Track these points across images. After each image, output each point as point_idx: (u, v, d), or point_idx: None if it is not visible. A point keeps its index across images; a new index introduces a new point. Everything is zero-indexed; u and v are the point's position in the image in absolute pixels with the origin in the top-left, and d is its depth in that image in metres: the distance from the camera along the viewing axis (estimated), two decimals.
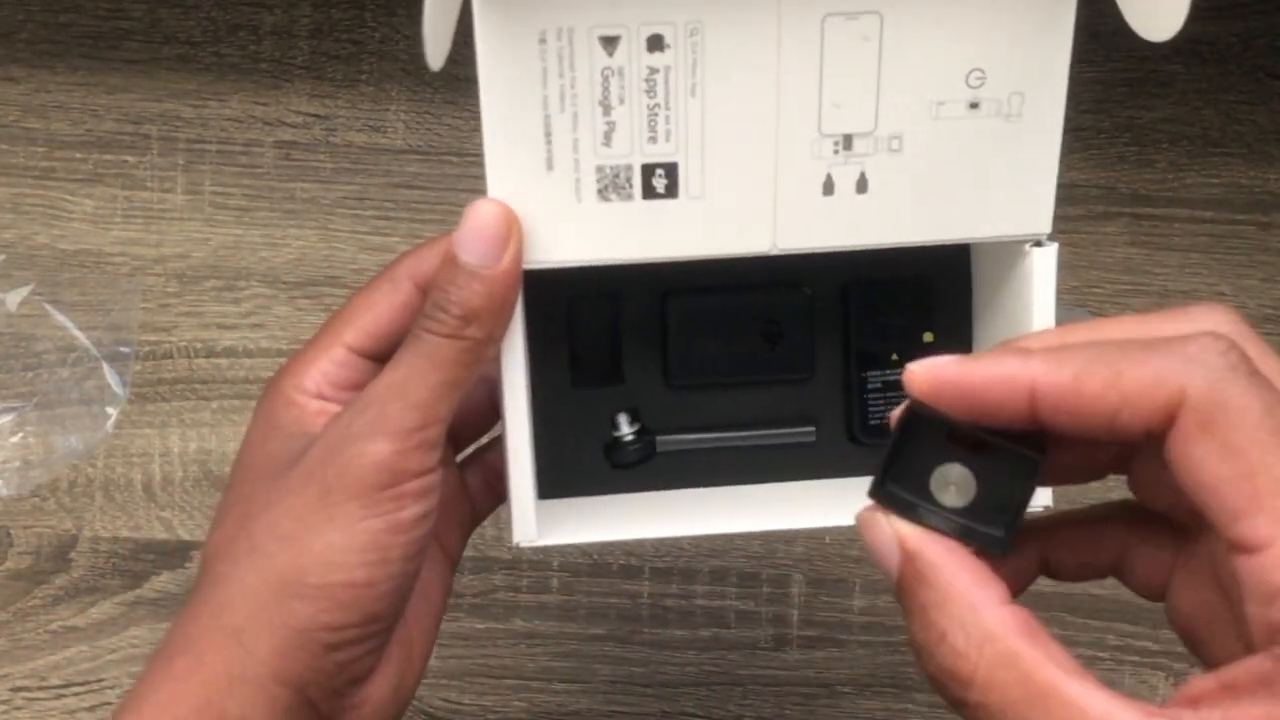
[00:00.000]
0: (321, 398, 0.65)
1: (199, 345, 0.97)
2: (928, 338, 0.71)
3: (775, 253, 0.63)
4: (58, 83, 0.98)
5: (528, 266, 0.62)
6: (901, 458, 0.54)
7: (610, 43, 0.60)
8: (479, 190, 0.61)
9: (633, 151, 0.61)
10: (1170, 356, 0.49)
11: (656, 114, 0.61)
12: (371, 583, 0.60)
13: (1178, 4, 0.56)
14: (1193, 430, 0.48)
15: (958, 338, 0.72)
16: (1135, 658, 0.99)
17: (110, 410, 0.96)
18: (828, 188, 0.62)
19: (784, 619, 0.98)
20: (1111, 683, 0.57)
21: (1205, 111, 1.01)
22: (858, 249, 0.64)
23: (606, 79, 0.60)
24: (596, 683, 0.97)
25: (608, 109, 0.61)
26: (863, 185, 0.63)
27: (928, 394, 0.53)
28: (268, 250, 0.98)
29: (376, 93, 0.99)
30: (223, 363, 0.97)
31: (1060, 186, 0.63)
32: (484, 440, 0.73)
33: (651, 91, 0.60)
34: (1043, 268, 0.65)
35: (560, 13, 0.59)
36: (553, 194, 0.62)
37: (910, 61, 0.61)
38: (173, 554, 0.96)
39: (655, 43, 0.60)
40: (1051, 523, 0.61)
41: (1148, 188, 1.00)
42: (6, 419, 0.96)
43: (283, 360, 0.91)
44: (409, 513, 0.60)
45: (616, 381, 0.72)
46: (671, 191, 0.62)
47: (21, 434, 0.96)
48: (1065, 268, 0.99)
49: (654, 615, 0.97)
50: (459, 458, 0.72)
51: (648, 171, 0.62)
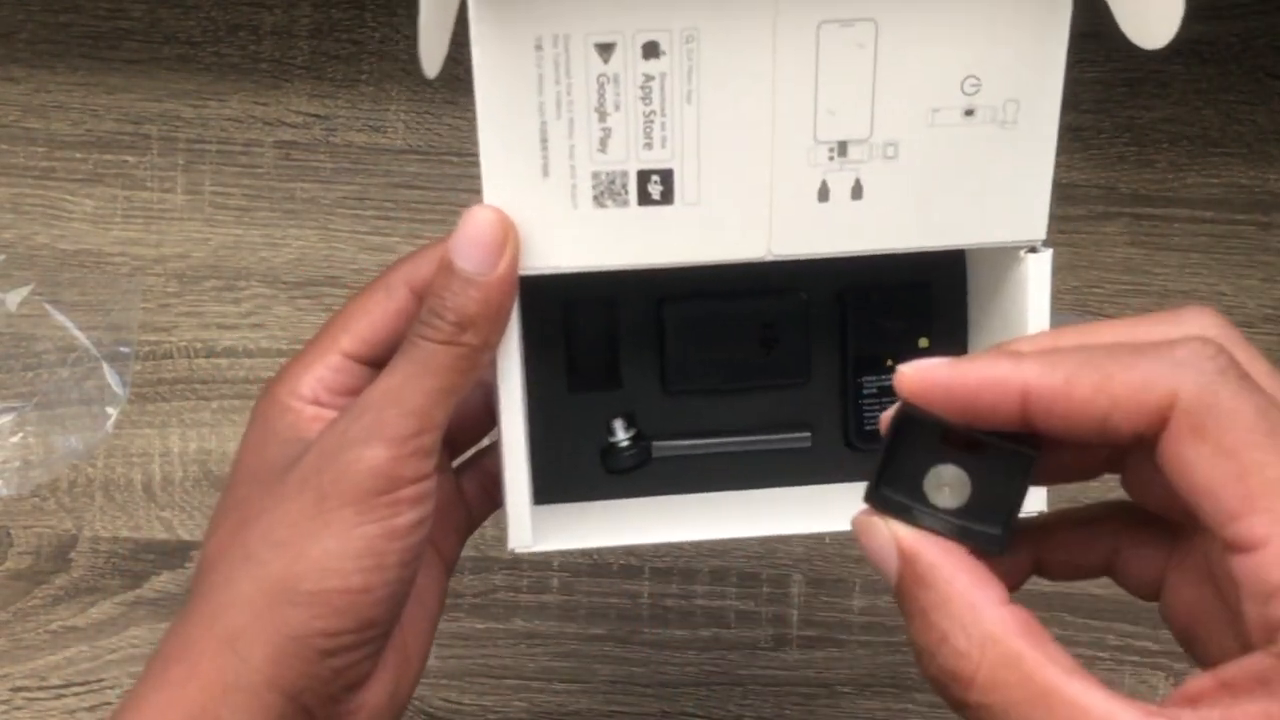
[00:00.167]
0: (317, 403, 0.65)
1: (199, 345, 0.97)
2: (923, 343, 0.71)
3: (771, 259, 0.64)
4: (58, 83, 0.98)
5: (524, 273, 0.62)
6: (895, 461, 0.54)
7: (606, 49, 0.60)
8: (479, 190, 0.61)
9: (628, 158, 0.61)
10: (1160, 361, 0.49)
11: (652, 120, 0.61)
12: (367, 589, 0.60)
13: (1171, 11, 0.56)
14: (1185, 433, 0.48)
15: (953, 343, 0.72)
16: (1135, 658, 0.99)
17: (110, 410, 0.96)
18: (823, 194, 0.63)
19: (784, 619, 0.98)
20: (1111, 683, 0.57)
21: (1205, 111, 1.01)
22: (853, 255, 0.64)
23: (602, 85, 0.60)
24: (596, 683, 0.97)
25: (603, 115, 0.61)
26: (858, 192, 0.63)
27: (919, 396, 0.53)
28: (268, 250, 0.98)
29: (376, 93, 0.99)
30: (223, 363, 0.97)
31: (1060, 186, 0.63)
32: (480, 446, 0.73)
33: (647, 98, 0.60)
34: (1038, 273, 0.65)
35: (556, 20, 0.59)
36: (549, 200, 0.62)
37: (905, 68, 0.61)
38: (173, 554, 0.96)
39: (651, 50, 0.60)
40: (1044, 522, 0.61)
41: (1148, 188, 1.00)
42: (6, 419, 0.96)
43: (283, 360, 0.91)
44: (405, 519, 0.60)
45: (613, 387, 0.72)
46: (667, 198, 0.62)
47: (21, 434, 0.96)
48: (1065, 268, 0.99)
49: (654, 615, 0.98)
50: (455, 463, 0.72)
51: (643, 178, 0.62)
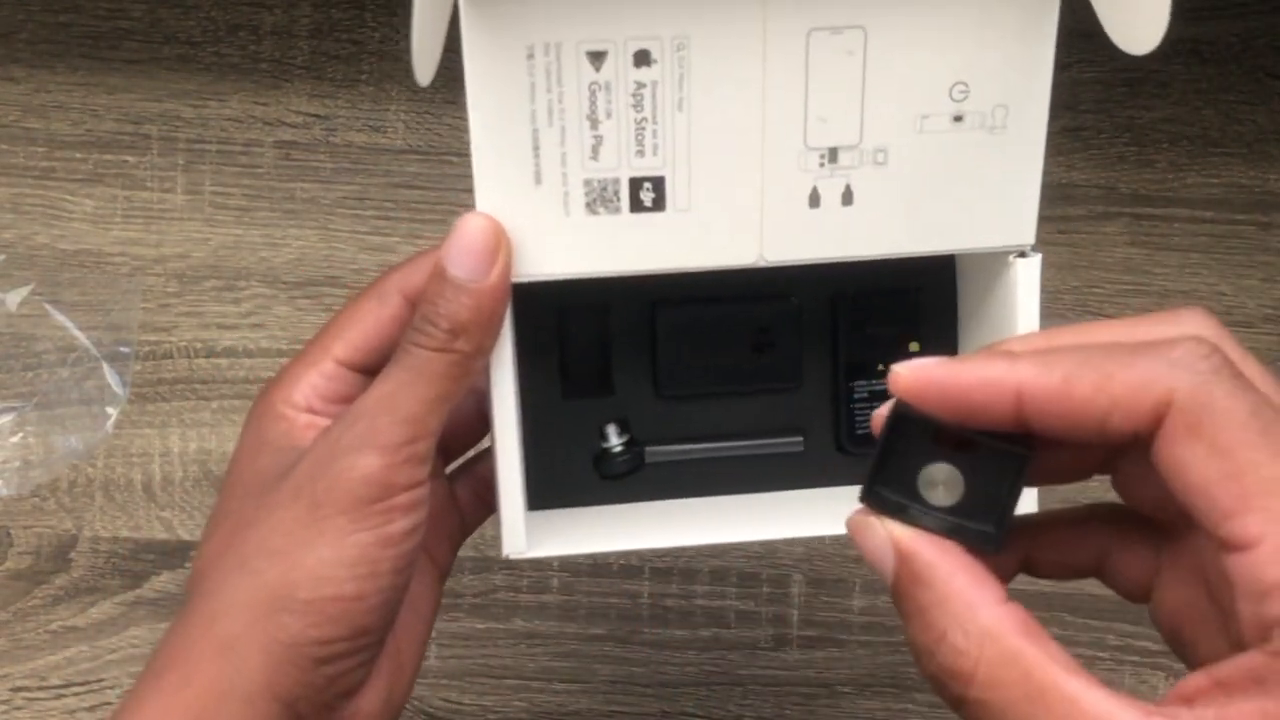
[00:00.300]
0: (310, 411, 0.65)
1: (199, 345, 0.97)
2: (914, 348, 0.71)
3: (762, 265, 0.64)
4: (58, 83, 0.98)
5: (516, 280, 0.62)
6: (888, 460, 0.54)
7: (597, 58, 0.60)
8: None
9: (620, 165, 0.61)
10: (1157, 360, 0.49)
11: (644, 128, 0.61)
12: (361, 596, 0.60)
13: (1157, 17, 0.56)
14: (1180, 432, 0.48)
15: (943, 348, 0.71)
16: (1135, 658, 0.99)
17: (110, 410, 0.96)
18: (814, 200, 0.63)
19: (784, 619, 0.98)
20: (1111, 683, 0.57)
21: (1205, 111, 1.01)
22: (844, 261, 0.64)
23: (594, 93, 0.60)
24: (596, 683, 0.97)
25: (595, 123, 0.61)
26: (848, 198, 0.63)
27: (913, 395, 0.53)
28: (268, 250, 0.98)
29: (376, 93, 0.99)
30: (223, 363, 0.98)
31: (1060, 186, 0.63)
32: (473, 452, 0.73)
33: (639, 106, 0.61)
34: (1027, 278, 0.65)
35: (548, 28, 0.59)
36: (541, 207, 0.62)
37: (894, 75, 0.61)
38: (173, 554, 0.97)
39: (642, 58, 0.60)
40: (1035, 521, 0.62)
41: (1148, 188, 1.00)
42: (6, 419, 0.96)
43: (283, 360, 0.91)
44: (398, 526, 0.60)
45: (606, 392, 0.72)
46: (659, 204, 0.62)
47: (21, 434, 0.96)
48: (1065, 268, 0.99)
49: (654, 615, 0.98)
50: (449, 469, 0.72)
51: (635, 185, 0.62)
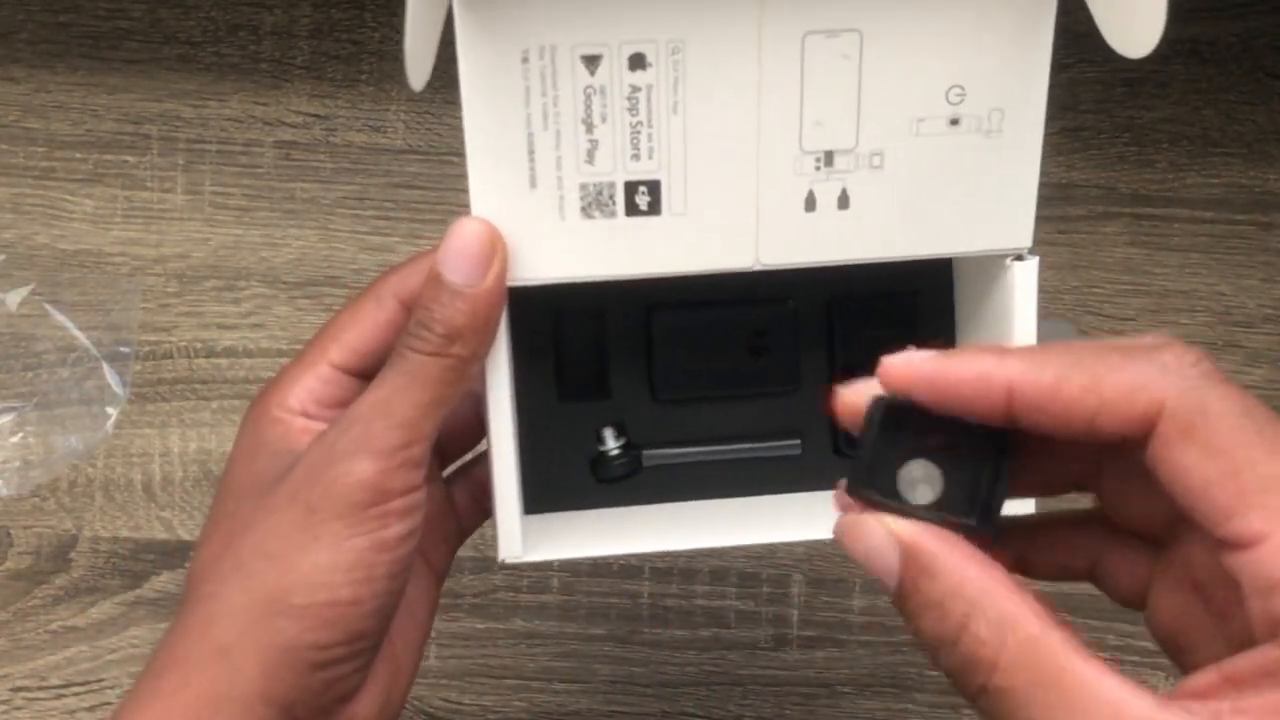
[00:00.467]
0: (306, 415, 0.65)
1: (199, 345, 0.97)
2: None
3: (758, 269, 0.64)
4: (58, 83, 0.98)
5: (512, 284, 0.62)
6: (873, 458, 0.54)
7: (592, 61, 0.60)
8: None
9: (616, 169, 0.61)
10: (1147, 364, 0.50)
11: (639, 132, 0.61)
12: (357, 601, 0.60)
13: (1154, 19, 0.56)
14: (1175, 436, 0.49)
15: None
16: (1135, 658, 0.98)
17: (110, 410, 0.96)
18: (809, 204, 0.63)
19: (784, 619, 0.98)
20: None
21: (1205, 111, 1.00)
22: (840, 264, 0.64)
23: (589, 97, 0.60)
24: (596, 683, 0.97)
25: (590, 127, 0.61)
26: (844, 201, 0.63)
27: (903, 388, 0.53)
28: (268, 250, 0.98)
29: (376, 93, 0.99)
30: (223, 363, 0.98)
31: (1060, 186, 0.63)
32: (470, 455, 0.73)
33: (634, 109, 0.61)
34: (1024, 281, 0.65)
35: (542, 32, 0.59)
36: (536, 211, 0.62)
37: (890, 79, 0.61)
38: (173, 554, 0.97)
39: (637, 61, 0.60)
40: (1029, 521, 0.62)
41: (1148, 188, 1.00)
42: (6, 419, 0.96)
43: (283, 360, 0.91)
44: (394, 531, 0.60)
45: (602, 396, 0.72)
46: (654, 208, 0.62)
47: (21, 434, 0.96)
48: (1065, 268, 0.99)
49: (654, 615, 0.98)
50: (445, 472, 0.72)
51: (631, 189, 0.62)
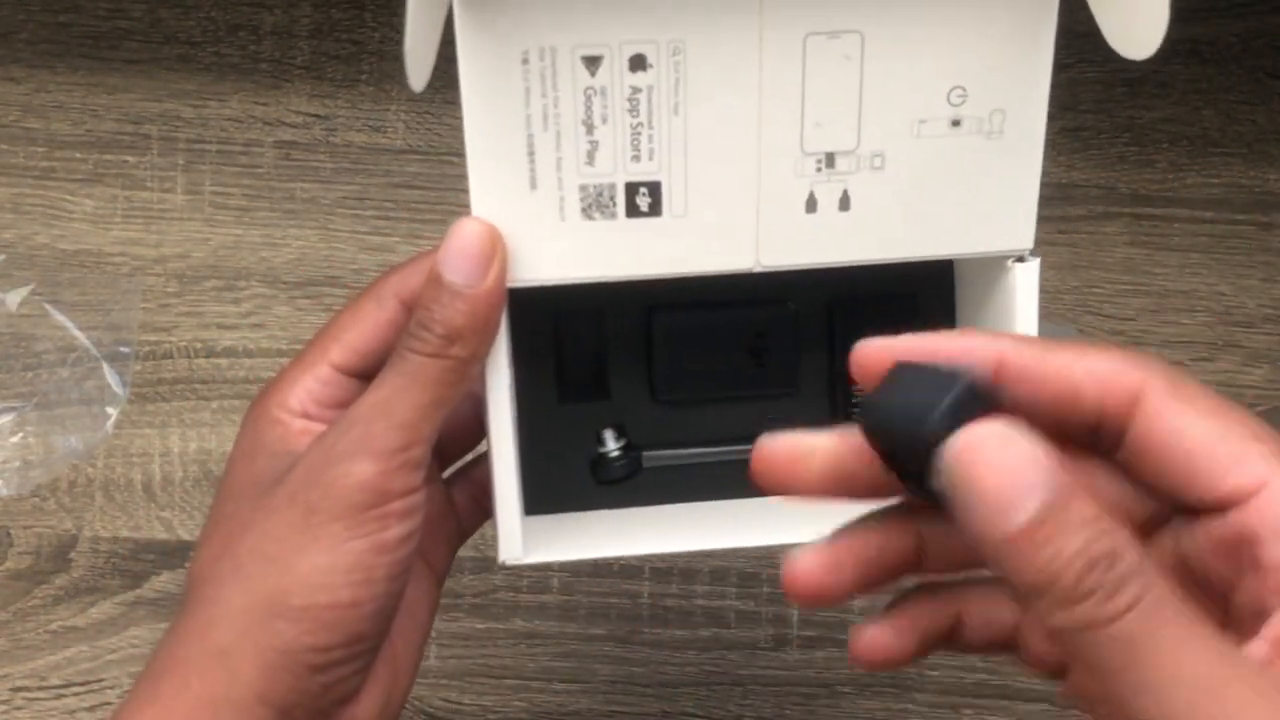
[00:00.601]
0: (306, 416, 0.65)
1: (199, 345, 0.97)
2: None
3: (759, 270, 0.64)
4: (58, 83, 0.98)
5: (512, 285, 0.62)
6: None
7: (593, 62, 0.60)
8: None
9: (616, 170, 0.61)
10: (1127, 356, 0.52)
11: (639, 133, 0.61)
12: (356, 603, 0.60)
13: (1156, 21, 0.56)
14: (1165, 404, 0.50)
15: None
16: None
17: (110, 410, 0.96)
18: (810, 205, 0.62)
19: (784, 619, 0.98)
20: None
21: (1205, 111, 1.00)
22: (841, 266, 0.64)
23: (589, 98, 0.60)
24: (596, 683, 0.97)
25: (591, 128, 0.61)
26: (845, 203, 0.63)
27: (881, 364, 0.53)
28: (268, 250, 0.98)
29: (376, 93, 0.99)
30: (223, 363, 0.97)
31: (1060, 186, 0.63)
32: (470, 456, 0.73)
33: (634, 111, 0.60)
34: (1025, 282, 0.65)
35: (543, 33, 0.59)
36: (537, 213, 0.62)
37: (892, 80, 0.61)
38: (173, 554, 0.96)
39: (638, 62, 0.60)
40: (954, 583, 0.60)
41: (1148, 188, 1.00)
42: (6, 419, 0.96)
43: (283, 360, 0.91)
44: (393, 533, 0.60)
45: (602, 397, 0.72)
46: (655, 210, 0.62)
47: (21, 434, 0.96)
48: (1065, 268, 0.99)
49: (654, 615, 0.98)
50: (445, 473, 0.72)
51: (631, 190, 0.62)
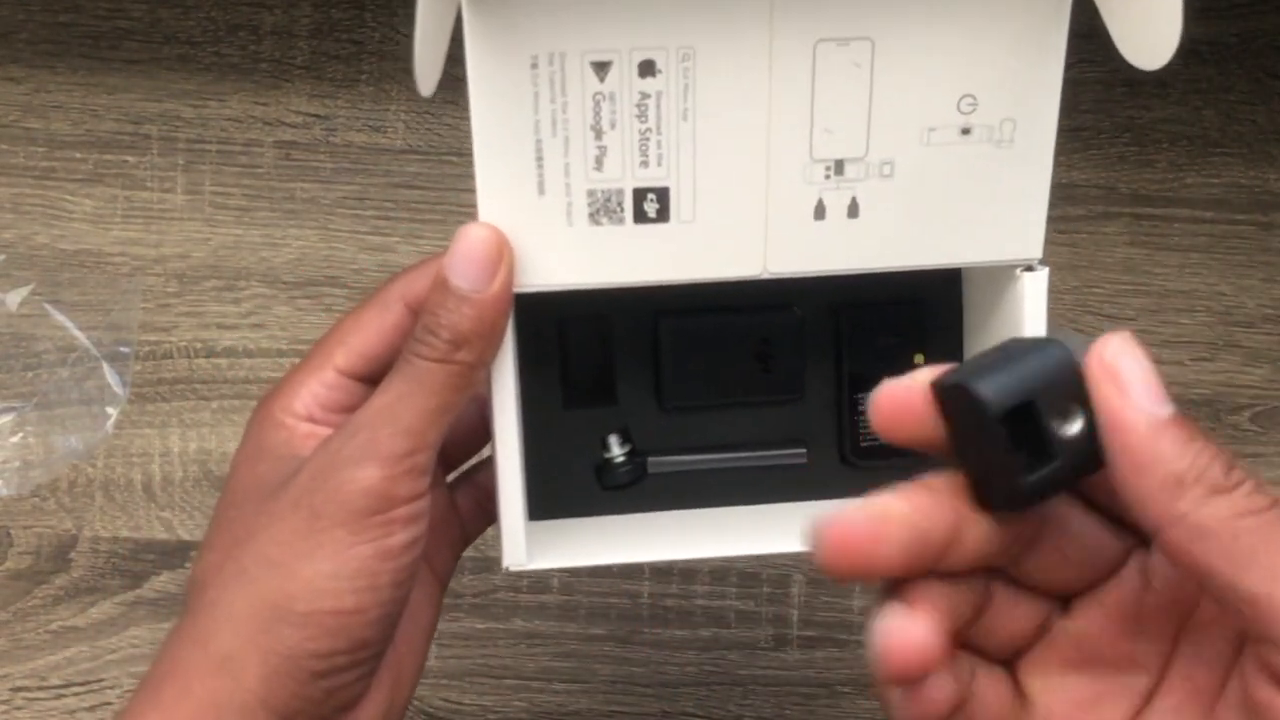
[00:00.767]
0: (311, 420, 0.64)
1: (199, 345, 0.97)
2: (919, 360, 0.71)
3: (766, 277, 0.63)
4: (58, 83, 0.98)
5: (519, 290, 0.62)
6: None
7: (602, 68, 0.59)
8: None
9: (624, 176, 0.61)
10: None
11: (648, 138, 0.61)
12: (360, 609, 0.60)
13: (1169, 32, 0.56)
14: None
15: (948, 360, 0.70)
16: None
17: (110, 410, 0.96)
18: (819, 212, 0.62)
19: (784, 619, 0.98)
20: None
21: (1205, 111, 1.01)
22: (849, 273, 0.64)
23: (598, 103, 0.60)
24: (596, 683, 0.97)
25: (599, 133, 0.60)
26: (854, 210, 0.62)
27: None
28: (268, 250, 0.98)
29: (376, 93, 0.99)
30: (223, 363, 0.97)
31: (1060, 186, 0.63)
32: (475, 460, 0.73)
33: (643, 116, 0.60)
34: (1033, 292, 0.65)
35: (552, 38, 0.59)
36: (544, 218, 0.61)
37: (902, 87, 0.61)
38: (173, 554, 0.96)
39: (647, 68, 0.59)
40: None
41: (1148, 188, 1.00)
42: (6, 419, 0.96)
43: (283, 360, 0.91)
44: (398, 539, 0.60)
45: (608, 403, 0.72)
46: (663, 216, 0.62)
47: (21, 434, 0.96)
48: (1065, 268, 0.99)
49: (654, 615, 0.98)
50: (450, 478, 0.72)
51: (639, 196, 0.62)
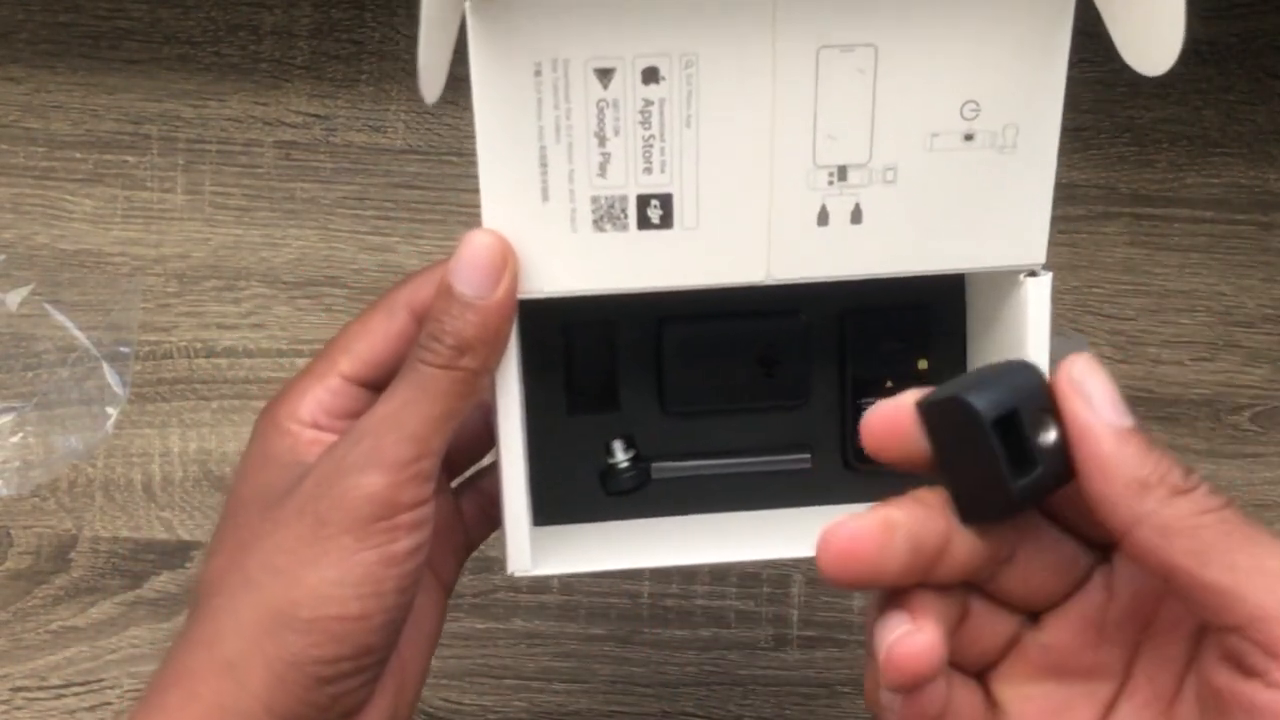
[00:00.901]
0: (316, 427, 0.64)
1: (199, 345, 0.97)
2: (922, 365, 0.71)
3: (770, 283, 0.63)
4: (58, 83, 0.98)
5: (523, 296, 0.62)
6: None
7: (605, 75, 0.59)
8: (479, 190, 0.61)
9: (628, 182, 0.61)
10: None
11: (651, 145, 0.61)
12: (365, 616, 0.60)
13: (1171, 38, 0.56)
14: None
15: (952, 365, 0.71)
16: None
17: (110, 410, 0.96)
18: (822, 218, 0.62)
19: (784, 619, 0.98)
20: None
21: (1205, 111, 1.01)
22: (852, 279, 0.64)
23: (602, 110, 0.60)
24: (596, 683, 0.97)
25: (603, 140, 0.60)
26: (857, 216, 0.62)
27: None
28: (268, 250, 0.98)
29: (376, 93, 0.99)
30: (223, 363, 0.97)
31: (1060, 186, 0.63)
32: (479, 466, 0.73)
33: (646, 123, 0.60)
34: (1037, 297, 0.65)
35: (555, 45, 0.59)
36: (548, 224, 0.61)
37: (905, 93, 0.61)
38: (173, 554, 0.96)
39: (650, 75, 0.59)
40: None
41: (1148, 188, 1.00)
42: (6, 419, 0.96)
43: (283, 360, 0.91)
44: (402, 545, 0.60)
45: (612, 408, 0.72)
46: (666, 222, 0.62)
47: (21, 434, 0.96)
48: (1065, 268, 0.99)
49: (654, 615, 0.98)
50: (454, 483, 0.72)
51: (643, 202, 0.62)
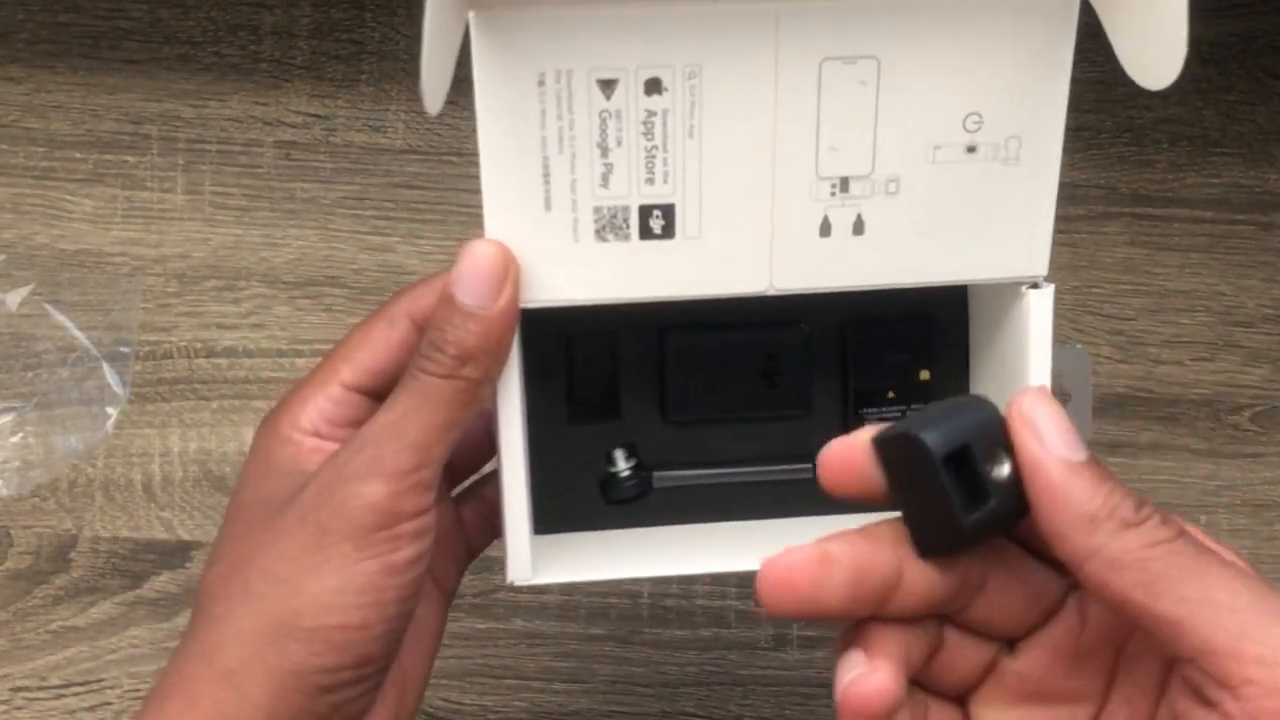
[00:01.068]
0: (318, 435, 0.64)
1: (199, 345, 0.97)
2: (924, 376, 0.71)
3: (772, 293, 0.63)
4: (58, 83, 0.98)
5: (525, 306, 0.62)
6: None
7: (608, 85, 0.59)
8: (479, 190, 0.61)
9: (630, 193, 0.61)
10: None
11: (654, 156, 0.61)
12: (366, 625, 0.60)
13: (1174, 53, 0.56)
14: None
15: (955, 376, 0.72)
16: None
17: (110, 410, 0.96)
18: (824, 229, 0.62)
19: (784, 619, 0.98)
20: None
21: (1205, 111, 1.01)
22: (855, 290, 0.64)
23: (604, 121, 0.60)
24: (596, 683, 0.97)
25: (605, 150, 0.60)
26: (859, 227, 0.62)
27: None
28: (268, 250, 0.98)
29: (376, 93, 0.99)
30: (223, 363, 0.97)
31: (1060, 186, 0.63)
32: (480, 474, 0.73)
33: (649, 134, 0.60)
34: (1039, 309, 0.65)
35: (559, 55, 0.59)
36: (550, 234, 0.62)
37: (908, 105, 0.61)
38: (173, 554, 0.96)
39: (653, 86, 0.60)
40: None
41: (1148, 188, 1.00)
42: (6, 419, 0.96)
43: (283, 360, 0.91)
44: (404, 554, 0.60)
45: (613, 417, 0.72)
46: (668, 232, 0.62)
47: (21, 434, 0.96)
48: (1065, 268, 0.99)
49: (654, 615, 0.98)
50: (454, 492, 0.72)
51: (645, 212, 0.62)
